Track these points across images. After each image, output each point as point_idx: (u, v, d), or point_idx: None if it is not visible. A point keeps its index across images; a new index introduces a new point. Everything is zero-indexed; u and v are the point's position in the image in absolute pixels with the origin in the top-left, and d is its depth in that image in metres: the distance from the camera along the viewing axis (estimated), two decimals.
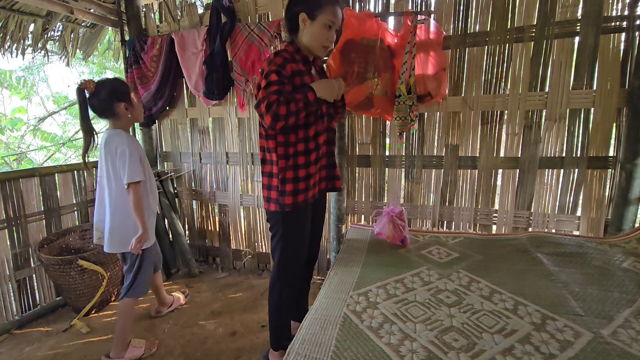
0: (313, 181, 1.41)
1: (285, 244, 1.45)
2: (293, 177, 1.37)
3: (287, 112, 1.25)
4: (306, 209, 1.44)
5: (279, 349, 1.56)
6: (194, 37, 2.41)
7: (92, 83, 1.56)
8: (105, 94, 1.57)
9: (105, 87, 1.58)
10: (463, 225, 2.11)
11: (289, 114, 1.26)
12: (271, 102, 1.24)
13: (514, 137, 1.93)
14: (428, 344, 0.95)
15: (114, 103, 1.59)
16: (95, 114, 1.63)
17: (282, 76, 1.29)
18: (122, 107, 1.61)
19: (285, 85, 1.29)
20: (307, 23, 1.35)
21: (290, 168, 1.37)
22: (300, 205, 1.38)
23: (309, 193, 1.40)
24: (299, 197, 1.38)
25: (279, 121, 1.25)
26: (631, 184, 1.71)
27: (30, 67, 6.85)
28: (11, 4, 2.43)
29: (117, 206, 1.65)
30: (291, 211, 1.38)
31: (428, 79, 1.93)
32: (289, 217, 1.41)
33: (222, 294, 2.39)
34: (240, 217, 2.70)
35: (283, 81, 1.29)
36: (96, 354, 1.81)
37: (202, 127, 2.69)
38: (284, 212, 1.39)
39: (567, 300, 1.13)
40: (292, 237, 1.45)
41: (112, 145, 1.60)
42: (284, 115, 1.25)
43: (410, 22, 1.86)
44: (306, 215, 1.47)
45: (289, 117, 1.26)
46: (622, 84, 1.72)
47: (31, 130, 6.33)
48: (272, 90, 1.26)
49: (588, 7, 1.71)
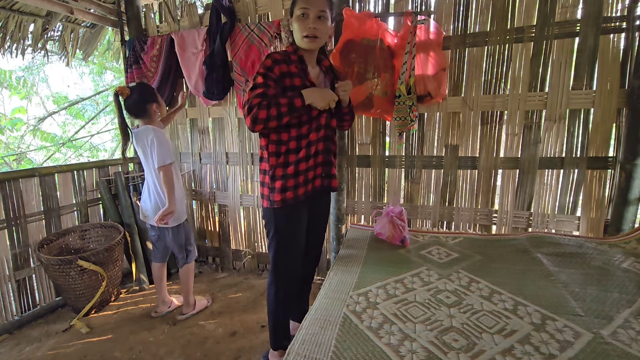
0: (303, 178, 1.40)
1: (278, 241, 1.46)
2: (282, 174, 1.38)
3: (266, 116, 1.26)
4: (297, 207, 1.43)
5: (278, 348, 1.56)
6: (193, 37, 2.41)
7: (126, 89, 1.83)
8: (138, 97, 1.85)
9: (137, 92, 1.84)
10: (463, 226, 2.11)
11: (268, 118, 1.27)
12: (252, 105, 1.27)
13: (514, 137, 1.93)
14: (428, 344, 0.95)
15: (147, 104, 1.86)
16: (131, 115, 1.91)
17: (267, 78, 1.30)
18: (153, 107, 1.87)
19: (270, 89, 1.29)
20: (292, 22, 1.37)
21: (280, 165, 1.38)
22: (288, 203, 1.38)
23: (298, 190, 1.40)
24: (288, 194, 1.38)
25: (257, 124, 1.28)
26: (631, 184, 1.71)
27: (30, 67, 6.84)
28: (11, 4, 2.43)
29: (156, 188, 1.93)
30: (281, 208, 1.39)
31: (428, 79, 1.93)
32: (280, 214, 1.42)
33: (222, 294, 2.39)
34: (240, 218, 2.70)
35: (268, 84, 1.30)
36: (96, 354, 1.81)
37: (202, 127, 2.69)
38: (274, 209, 1.41)
39: (567, 301, 1.13)
40: (284, 235, 1.46)
41: (145, 138, 1.86)
42: (263, 119, 1.26)
43: (410, 23, 1.87)
44: (298, 214, 1.46)
45: (269, 121, 1.27)
46: (622, 84, 1.72)
47: (31, 130, 6.33)
48: (255, 93, 1.29)
49: (588, 7, 1.71)
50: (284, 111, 1.28)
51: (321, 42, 1.38)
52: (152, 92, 1.91)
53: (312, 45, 1.35)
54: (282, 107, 1.28)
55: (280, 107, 1.27)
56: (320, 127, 1.42)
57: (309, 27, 1.31)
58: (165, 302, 2.17)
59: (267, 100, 1.28)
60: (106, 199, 2.57)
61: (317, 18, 1.31)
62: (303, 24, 1.32)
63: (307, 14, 1.31)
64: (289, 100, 1.29)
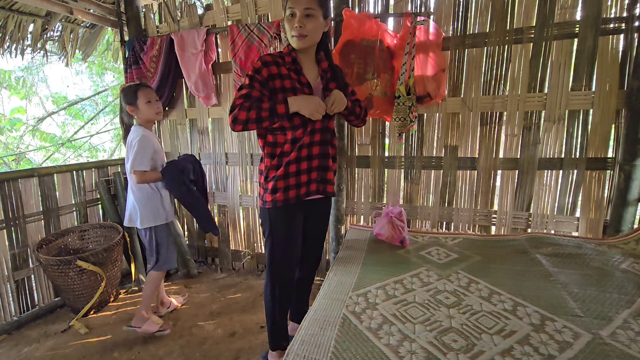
0: (294, 181, 1.39)
1: (272, 241, 1.47)
2: (274, 175, 1.39)
3: (246, 117, 1.26)
4: (290, 209, 1.43)
5: (276, 349, 1.55)
6: (193, 38, 2.41)
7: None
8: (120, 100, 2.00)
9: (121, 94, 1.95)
10: (462, 226, 2.11)
11: (248, 120, 1.27)
12: (235, 105, 1.29)
13: (513, 138, 1.93)
14: (427, 344, 0.95)
15: (125, 107, 1.94)
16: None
17: (253, 80, 1.32)
18: (129, 109, 1.91)
19: (254, 90, 1.30)
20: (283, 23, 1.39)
21: (273, 167, 1.40)
22: (278, 204, 1.39)
23: (289, 193, 1.39)
24: (277, 196, 1.38)
25: (236, 124, 1.28)
26: (630, 185, 1.71)
27: (29, 67, 6.84)
28: (10, 4, 2.42)
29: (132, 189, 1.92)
30: (273, 209, 1.41)
31: (427, 80, 1.93)
32: (273, 214, 1.43)
33: (221, 295, 2.39)
34: (239, 218, 2.70)
35: (253, 85, 1.31)
36: (95, 355, 1.81)
37: (201, 128, 2.69)
38: (268, 209, 1.43)
39: (566, 301, 1.14)
40: (278, 235, 1.46)
41: (130, 138, 1.90)
42: (243, 120, 1.27)
43: (409, 23, 1.87)
44: (292, 215, 1.45)
45: (248, 123, 1.27)
46: (621, 85, 1.73)
47: (30, 130, 6.33)
48: (240, 93, 1.31)
49: (587, 8, 1.72)
50: (264, 115, 1.27)
51: (312, 40, 1.34)
52: (128, 94, 1.88)
53: (301, 45, 1.32)
54: (263, 111, 1.27)
55: (261, 111, 1.27)
56: (315, 131, 1.39)
57: (295, 26, 1.29)
58: (164, 303, 2.17)
59: (249, 102, 1.28)
60: (105, 200, 2.56)
61: (304, 16, 1.28)
62: (291, 24, 1.31)
63: (294, 13, 1.28)
64: (271, 105, 1.28)
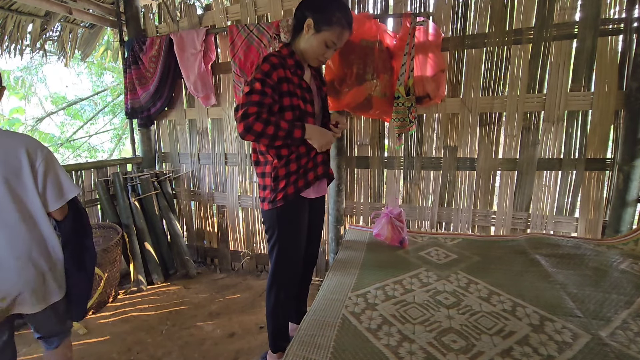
0: (303, 170, 1.41)
1: (281, 244, 1.45)
2: (285, 173, 1.37)
3: (262, 130, 1.22)
4: (299, 204, 1.43)
5: (277, 350, 1.55)
6: (192, 38, 2.41)
7: None
8: None
9: None
10: (461, 227, 2.11)
11: (263, 134, 1.23)
12: (249, 113, 1.22)
13: (512, 138, 1.94)
14: (427, 345, 0.95)
15: None
16: None
17: (265, 85, 1.25)
18: None
19: (267, 97, 1.25)
20: (310, 31, 1.32)
21: (282, 166, 1.37)
22: (290, 197, 1.38)
23: (299, 183, 1.40)
24: (289, 189, 1.38)
25: (249, 134, 1.23)
26: (628, 186, 1.72)
27: (28, 67, 6.83)
28: (9, 4, 2.42)
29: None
30: (283, 207, 1.39)
31: (427, 81, 1.93)
32: (282, 214, 1.41)
33: (220, 295, 2.38)
34: (238, 218, 2.70)
35: (265, 91, 1.25)
36: (94, 356, 1.80)
37: (200, 128, 2.68)
38: (276, 210, 1.40)
39: (565, 302, 1.14)
40: (288, 236, 1.45)
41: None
42: (258, 132, 1.22)
43: (409, 24, 1.87)
44: (300, 212, 1.46)
45: (262, 137, 1.24)
46: (620, 86, 1.73)
47: (29, 130, 6.31)
48: (252, 100, 1.23)
49: (586, 9, 1.72)
50: (280, 135, 1.25)
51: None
52: None
53: (318, 66, 1.46)
54: (281, 131, 1.25)
55: (279, 130, 1.25)
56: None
57: (326, 57, 1.39)
58: None
59: (266, 113, 1.24)
60: (104, 200, 2.56)
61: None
62: (323, 51, 1.36)
63: (334, 47, 1.36)
64: (289, 128, 1.27)
